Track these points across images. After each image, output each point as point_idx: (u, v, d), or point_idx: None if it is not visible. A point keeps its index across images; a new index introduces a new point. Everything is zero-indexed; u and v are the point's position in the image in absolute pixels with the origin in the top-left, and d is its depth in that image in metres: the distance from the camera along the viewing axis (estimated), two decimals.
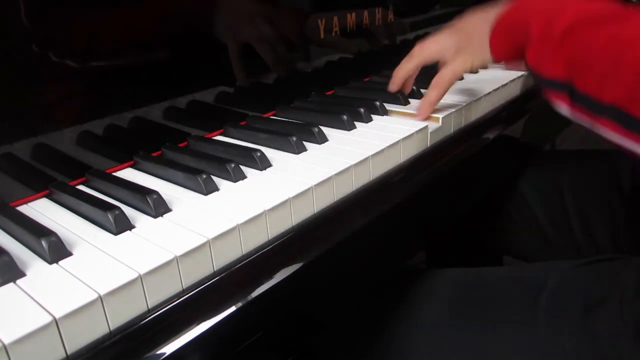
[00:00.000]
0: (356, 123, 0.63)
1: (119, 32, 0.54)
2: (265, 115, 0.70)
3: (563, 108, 0.50)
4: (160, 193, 0.45)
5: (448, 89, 0.63)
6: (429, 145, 0.62)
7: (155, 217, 0.43)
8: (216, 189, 0.48)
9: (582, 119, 0.48)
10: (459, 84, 0.78)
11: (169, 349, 0.34)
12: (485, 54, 0.59)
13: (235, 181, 0.49)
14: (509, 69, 0.60)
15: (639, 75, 0.42)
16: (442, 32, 0.66)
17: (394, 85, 0.70)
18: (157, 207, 0.44)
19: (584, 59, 0.46)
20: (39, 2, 0.47)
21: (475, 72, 0.82)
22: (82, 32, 0.51)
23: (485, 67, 0.61)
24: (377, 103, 0.67)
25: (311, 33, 0.74)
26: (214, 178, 0.49)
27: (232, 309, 0.38)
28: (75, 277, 0.35)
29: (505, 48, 0.56)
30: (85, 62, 0.51)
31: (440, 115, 0.62)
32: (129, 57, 0.55)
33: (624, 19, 0.45)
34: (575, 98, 0.48)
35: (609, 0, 0.47)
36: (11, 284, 0.35)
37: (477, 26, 0.60)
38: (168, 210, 0.44)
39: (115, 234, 0.41)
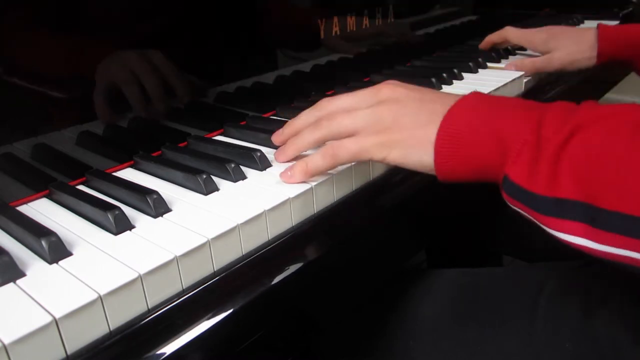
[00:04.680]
0: None
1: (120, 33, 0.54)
2: (265, 115, 0.70)
3: (575, 238, 0.38)
4: (160, 193, 0.45)
5: (337, 166, 0.48)
6: None
7: (155, 217, 0.43)
8: (216, 189, 0.48)
9: (610, 248, 0.36)
10: (458, 84, 0.78)
11: (169, 349, 0.34)
12: (419, 156, 0.45)
13: (235, 181, 0.49)
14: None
15: None
16: (365, 96, 0.49)
17: (278, 139, 0.53)
18: (157, 207, 0.44)
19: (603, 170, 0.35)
20: (40, 1, 0.47)
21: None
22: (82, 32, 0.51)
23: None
24: None
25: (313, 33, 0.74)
26: (214, 178, 0.49)
27: (232, 309, 0.38)
28: (75, 277, 0.35)
29: (464, 163, 0.43)
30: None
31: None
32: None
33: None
34: (602, 221, 0.35)
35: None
36: (11, 284, 0.35)
37: (415, 115, 0.45)
38: (168, 210, 0.44)
39: (115, 234, 0.41)
